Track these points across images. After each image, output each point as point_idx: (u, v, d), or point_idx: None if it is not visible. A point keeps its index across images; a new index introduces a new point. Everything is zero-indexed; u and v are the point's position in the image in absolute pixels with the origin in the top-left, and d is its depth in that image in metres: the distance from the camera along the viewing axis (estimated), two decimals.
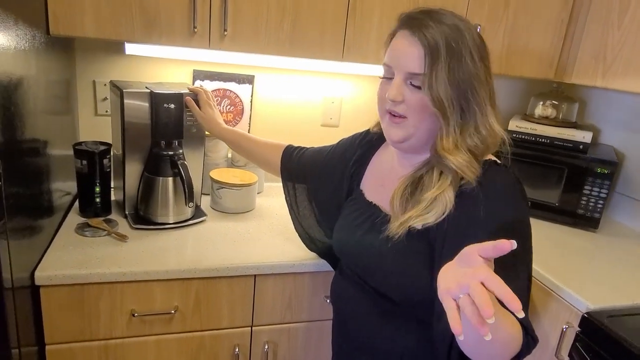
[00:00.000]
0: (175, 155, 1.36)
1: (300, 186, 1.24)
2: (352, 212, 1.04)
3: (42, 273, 1.09)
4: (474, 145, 0.85)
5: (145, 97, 1.33)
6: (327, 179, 1.15)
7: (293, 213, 1.27)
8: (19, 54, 1.00)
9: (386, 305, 0.95)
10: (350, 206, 1.06)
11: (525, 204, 0.86)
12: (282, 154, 1.27)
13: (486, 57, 0.87)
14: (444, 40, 0.81)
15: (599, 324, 1.14)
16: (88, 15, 1.22)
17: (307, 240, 1.26)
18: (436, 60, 0.81)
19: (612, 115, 1.87)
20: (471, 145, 0.85)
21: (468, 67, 0.83)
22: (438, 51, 0.81)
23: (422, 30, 0.82)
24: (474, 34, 0.85)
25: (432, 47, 0.81)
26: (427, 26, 0.83)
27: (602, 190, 1.64)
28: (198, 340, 1.27)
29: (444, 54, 0.81)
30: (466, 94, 0.83)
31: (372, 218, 0.98)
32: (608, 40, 1.51)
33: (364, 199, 1.03)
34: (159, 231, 1.36)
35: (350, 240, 1.02)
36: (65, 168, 1.38)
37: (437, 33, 0.82)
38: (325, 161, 1.18)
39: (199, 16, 1.28)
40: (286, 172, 1.26)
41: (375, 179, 1.05)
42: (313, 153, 1.23)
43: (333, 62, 1.48)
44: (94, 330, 1.17)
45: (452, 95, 0.82)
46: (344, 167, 1.12)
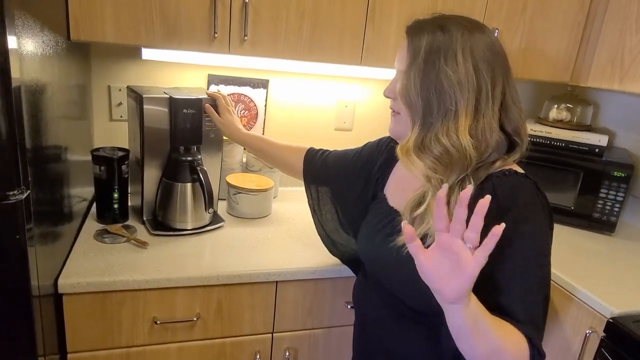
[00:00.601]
0: (194, 160, 1.35)
1: (323, 189, 1.23)
2: (374, 217, 1.04)
3: (65, 281, 1.08)
4: (439, 154, 0.82)
5: (164, 102, 1.32)
6: (353, 182, 1.15)
7: (316, 216, 1.26)
8: (45, 60, 0.99)
9: (407, 311, 0.94)
10: (374, 210, 1.06)
11: (544, 216, 0.83)
12: (305, 156, 1.26)
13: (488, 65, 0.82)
14: (428, 44, 0.83)
15: (626, 329, 1.14)
16: (108, 21, 1.22)
17: (329, 244, 1.25)
18: (414, 60, 0.84)
19: (625, 118, 1.87)
20: (435, 154, 0.82)
21: (444, 72, 0.81)
22: (418, 53, 0.83)
23: (414, 34, 0.86)
24: (479, 41, 0.83)
25: (415, 49, 0.84)
26: (421, 31, 0.85)
27: (618, 193, 1.64)
28: (219, 347, 1.26)
29: (422, 56, 0.83)
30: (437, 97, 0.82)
31: (392, 224, 0.97)
32: (625, 44, 1.51)
33: (387, 203, 1.03)
34: (178, 237, 1.36)
35: (370, 244, 1.02)
36: (82, 173, 1.38)
37: (426, 37, 0.83)
38: (351, 164, 1.17)
39: (220, 21, 1.28)
40: (309, 175, 1.25)
41: (397, 183, 1.05)
42: (338, 155, 1.23)
43: (350, 66, 1.48)
44: (116, 338, 1.16)
45: (420, 95, 0.83)
46: (370, 171, 1.12)
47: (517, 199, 0.81)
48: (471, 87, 0.81)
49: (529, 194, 0.83)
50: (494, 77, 0.83)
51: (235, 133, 1.36)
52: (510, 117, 0.85)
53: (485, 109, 0.82)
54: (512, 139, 0.86)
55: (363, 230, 1.07)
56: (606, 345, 1.18)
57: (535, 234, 0.81)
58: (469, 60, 0.81)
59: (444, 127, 0.82)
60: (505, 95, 0.85)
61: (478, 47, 0.82)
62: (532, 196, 0.83)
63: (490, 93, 0.82)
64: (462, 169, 0.82)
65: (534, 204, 0.82)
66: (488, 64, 0.82)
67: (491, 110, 0.83)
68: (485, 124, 0.82)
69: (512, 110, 0.85)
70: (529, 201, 0.82)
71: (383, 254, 0.96)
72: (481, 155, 0.82)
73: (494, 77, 0.83)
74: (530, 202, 0.82)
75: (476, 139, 0.81)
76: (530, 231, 0.81)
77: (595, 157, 1.68)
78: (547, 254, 0.82)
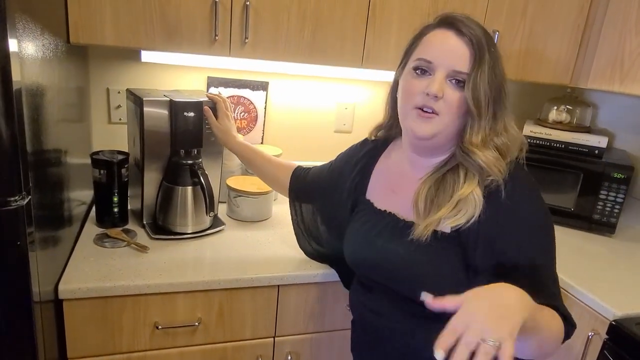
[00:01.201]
0: (195, 164, 1.34)
1: (306, 206, 1.24)
2: (364, 224, 1.01)
3: (66, 286, 1.07)
4: (502, 143, 0.88)
5: (164, 105, 1.31)
6: (331, 195, 1.13)
7: (300, 231, 1.27)
8: (45, 63, 0.98)
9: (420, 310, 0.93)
10: (360, 218, 1.03)
11: (544, 203, 0.91)
12: (292, 174, 1.26)
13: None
14: (486, 43, 0.86)
15: (628, 331, 1.14)
16: (108, 24, 1.21)
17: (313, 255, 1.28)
18: (481, 61, 0.85)
19: (624, 120, 1.88)
20: (498, 144, 0.88)
21: (501, 70, 0.88)
22: (483, 53, 0.85)
23: (469, 31, 0.86)
24: None
25: (480, 48, 0.85)
26: (472, 28, 0.86)
27: (618, 195, 1.64)
28: (221, 351, 1.25)
29: (487, 56, 0.85)
30: (500, 95, 0.88)
31: (390, 226, 0.96)
32: (625, 46, 1.51)
33: (374, 208, 1.01)
34: (178, 241, 1.35)
35: (369, 251, 0.99)
36: (81, 177, 1.36)
37: (481, 36, 0.86)
38: (327, 178, 1.17)
39: (221, 24, 1.27)
40: (293, 192, 1.25)
41: (384, 186, 1.03)
42: (315, 172, 1.23)
43: (350, 69, 1.48)
44: (117, 343, 1.15)
45: (489, 96, 0.86)
46: (345, 181, 1.09)
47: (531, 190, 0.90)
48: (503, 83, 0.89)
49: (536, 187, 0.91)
50: None
51: (230, 140, 1.34)
52: None
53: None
54: None
55: (354, 239, 1.04)
56: (609, 347, 1.18)
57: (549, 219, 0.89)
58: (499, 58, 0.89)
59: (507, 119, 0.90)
60: None
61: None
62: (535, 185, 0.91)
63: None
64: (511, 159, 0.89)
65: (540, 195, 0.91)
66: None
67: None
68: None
69: None
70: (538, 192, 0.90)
71: (389, 257, 0.94)
72: None
73: None
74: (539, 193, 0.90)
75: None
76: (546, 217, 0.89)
77: (595, 158, 1.68)
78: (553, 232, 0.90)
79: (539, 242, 0.86)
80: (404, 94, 0.91)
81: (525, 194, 0.87)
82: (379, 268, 0.98)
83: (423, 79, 0.88)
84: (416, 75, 0.89)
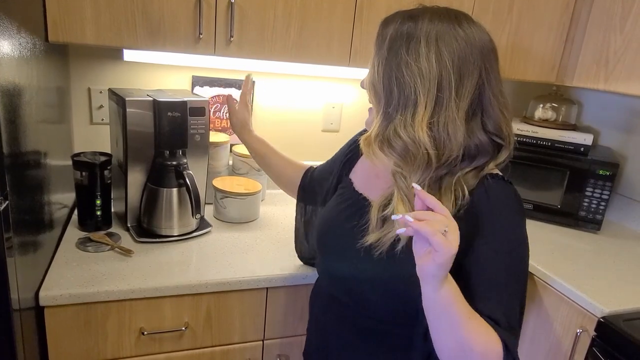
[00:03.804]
0: (179, 165, 1.32)
1: (310, 208, 1.20)
2: (339, 204, 0.98)
3: (47, 293, 1.04)
4: (400, 147, 0.78)
5: (148, 105, 1.28)
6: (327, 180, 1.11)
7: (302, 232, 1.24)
8: (22, 63, 0.95)
9: (366, 322, 0.91)
10: (338, 196, 1.01)
11: (523, 222, 0.82)
12: (304, 173, 1.23)
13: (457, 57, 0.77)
14: (394, 31, 0.80)
15: (616, 328, 1.15)
16: (88, 22, 1.17)
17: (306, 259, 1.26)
18: (379, 49, 0.82)
19: (609, 117, 1.90)
20: (396, 148, 0.79)
21: (405, 60, 0.77)
22: (384, 41, 0.81)
23: (385, 23, 0.83)
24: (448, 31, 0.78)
25: (382, 37, 0.82)
26: (392, 20, 0.82)
27: (603, 191, 1.66)
28: (209, 356, 1.23)
29: (387, 44, 0.80)
30: (397, 87, 0.79)
31: (362, 212, 0.91)
32: (610, 44, 1.52)
33: (352, 188, 0.98)
34: (164, 244, 1.32)
35: (336, 233, 0.95)
36: (62, 179, 1.33)
37: (393, 26, 0.81)
38: (329, 165, 1.15)
39: (205, 22, 1.25)
40: (302, 191, 1.22)
41: (368, 168, 0.98)
42: (320, 168, 1.20)
43: (338, 67, 1.46)
44: (101, 350, 1.12)
45: (383, 84, 0.80)
46: (339, 159, 1.09)
47: (508, 206, 0.81)
48: (432, 79, 0.76)
49: (517, 202, 0.82)
50: (462, 71, 0.77)
51: (245, 133, 1.29)
52: (491, 115, 0.80)
53: (448, 103, 0.77)
54: (495, 140, 0.82)
55: (324, 218, 1.00)
56: (597, 344, 1.19)
57: (521, 241, 0.81)
58: (433, 50, 0.77)
59: (402, 119, 0.78)
60: (481, 91, 0.79)
61: (445, 37, 0.77)
62: (519, 204, 0.82)
63: (454, 86, 0.77)
64: (424, 166, 0.78)
65: (521, 213, 0.82)
66: (456, 56, 0.77)
67: (455, 106, 0.77)
68: (448, 120, 0.77)
69: (491, 108, 0.80)
70: (518, 210, 0.82)
71: (349, 246, 0.89)
72: (444, 152, 0.78)
73: (462, 71, 0.77)
74: (519, 211, 0.82)
75: (437, 133, 0.77)
76: (521, 238, 0.81)
77: (580, 156, 1.69)
78: (527, 262, 0.82)
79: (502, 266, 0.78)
80: None
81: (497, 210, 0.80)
82: (338, 252, 0.94)
83: None
84: None
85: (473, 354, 0.71)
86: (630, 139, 1.81)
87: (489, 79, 0.80)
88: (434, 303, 0.72)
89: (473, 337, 0.71)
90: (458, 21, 0.79)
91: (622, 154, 1.83)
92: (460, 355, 0.72)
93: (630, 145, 1.81)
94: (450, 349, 0.73)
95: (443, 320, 0.72)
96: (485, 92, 0.80)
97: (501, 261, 0.78)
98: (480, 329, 0.72)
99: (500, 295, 0.77)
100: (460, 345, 0.72)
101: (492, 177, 0.82)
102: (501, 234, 0.79)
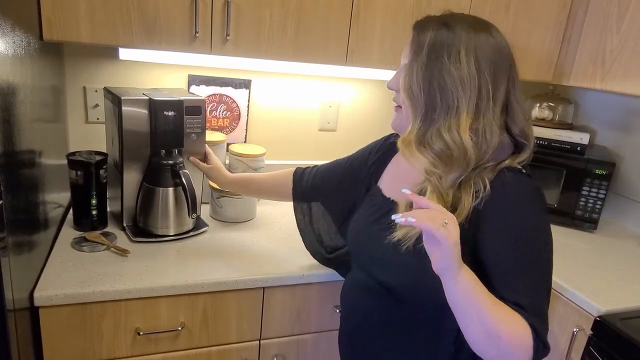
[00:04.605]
0: (175, 164, 1.31)
1: (315, 204, 1.23)
2: (368, 209, 1.03)
3: (42, 293, 1.03)
4: (439, 150, 0.83)
5: (144, 104, 1.28)
6: (347, 187, 1.14)
7: (306, 233, 1.25)
8: (17, 61, 0.94)
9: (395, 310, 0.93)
10: (367, 203, 1.05)
11: (543, 212, 0.85)
12: (293, 175, 1.25)
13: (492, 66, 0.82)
14: (432, 39, 0.84)
15: (613, 327, 1.15)
16: (83, 20, 1.17)
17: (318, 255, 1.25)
18: (417, 54, 0.85)
19: (605, 117, 1.90)
20: (436, 150, 0.83)
21: (447, 68, 0.82)
22: (422, 48, 0.84)
23: (420, 29, 0.86)
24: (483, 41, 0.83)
25: (419, 43, 0.85)
26: (426, 26, 0.85)
27: (600, 190, 1.66)
28: (205, 356, 1.23)
29: (426, 50, 0.83)
30: (440, 92, 0.82)
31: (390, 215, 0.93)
32: (607, 43, 1.52)
33: (381, 195, 1.02)
34: (160, 244, 1.31)
35: (364, 236, 1.00)
36: (58, 179, 1.32)
37: (430, 33, 0.84)
38: (345, 170, 1.17)
39: (201, 20, 1.24)
40: (300, 192, 1.24)
41: (395, 176, 1.04)
42: (327, 167, 1.22)
43: (334, 66, 1.46)
44: (96, 350, 1.11)
45: (423, 88, 0.83)
46: (365, 169, 1.11)
47: (524, 195, 0.83)
48: (473, 87, 0.81)
49: (534, 192, 0.84)
50: (496, 78, 0.82)
51: (221, 178, 1.35)
52: (516, 120, 0.86)
53: (486, 110, 0.83)
54: (519, 141, 0.87)
55: (354, 223, 1.05)
56: (594, 343, 1.19)
57: (543, 227, 0.83)
58: (472, 59, 0.81)
59: (446, 123, 0.82)
60: (509, 97, 0.85)
61: (482, 47, 0.82)
62: (538, 194, 0.85)
63: (491, 94, 0.82)
64: (461, 168, 0.83)
65: (539, 202, 0.85)
66: (491, 65, 0.82)
67: (492, 111, 0.83)
68: (486, 125, 0.83)
69: (517, 112, 0.86)
70: (535, 199, 0.84)
71: (380, 246, 0.93)
72: (481, 155, 0.83)
73: (496, 78, 0.82)
74: (536, 200, 0.84)
75: (477, 138, 0.82)
76: (539, 225, 0.83)
77: (577, 155, 1.69)
78: (551, 249, 0.84)
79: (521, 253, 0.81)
80: None
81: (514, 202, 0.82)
82: (369, 254, 0.98)
83: None
84: None
85: (501, 341, 0.74)
86: (626, 138, 1.81)
87: (514, 84, 0.86)
88: (456, 297, 0.76)
89: (500, 324, 0.74)
90: (489, 30, 0.85)
91: (618, 153, 1.83)
92: (489, 343, 0.75)
93: (626, 144, 1.81)
94: (480, 338, 0.76)
95: (468, 312, 0.76)
96: (511, 97, 0.85)
97: (520, 248, 0.80)
98: (507, 317, 0.75)
99: (523, 281, 0.79)
100: (489, 334, 0.74)
101: (510, 170, 0.85)
102: (518, 221, 0.81)
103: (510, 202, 0.82)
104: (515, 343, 0.74)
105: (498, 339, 0.74)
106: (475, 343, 0.77)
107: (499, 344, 0.74)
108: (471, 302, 0.75)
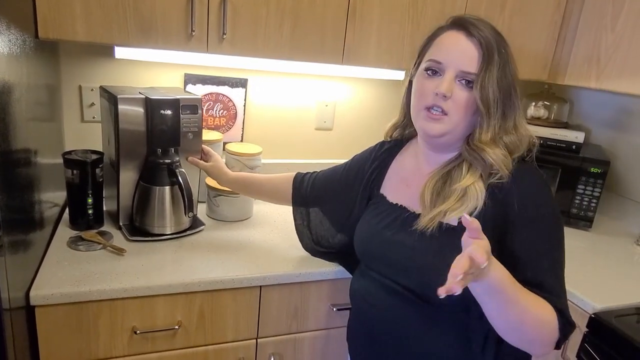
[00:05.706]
0: (172, 163, 1.31)
1: (313, 209, 1.23)
2: (375, 216, 1.04)
3: (38, 292, 1.03)
4: (510, 141, 0.89)
5: (140, 103, 1.27)
6: (346, 194, 1.15)
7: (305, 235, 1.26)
8: (12, 60, 0.94)
9: (418, 305, 0.94)
10: (372, 210, 1.06)
11: (553, 198, 0.93)
12: (293, 180, 1.26)
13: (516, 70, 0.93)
14: (496, 44, 0.88)
15: (608, 324, 1.16)
16: (79, 18, 1.16)
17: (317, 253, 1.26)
18: (490, 62, 0.87)
19: (600, 115, 1.91)
20: (507, 142, 0.89)
21: (512, 70, 0.90)
22: (492, 54, 0.87)
23: (479, 33, 0.88)
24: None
25: (488, 49, 0.87)
26: (481, 30, 0.88)
27: (595, 189, 1.67)
28: (202, 355, 1.23)
29: (497, 57, 0.87)
30: (510, 94, 0.90)
31: (401, 218, 0.98)
32: (602, 42, 1.53)
33: (387, 201, 1.04)
34: (157, 243, 1.31)
35: (377, 242, 1.00)
36: (53, 178, 1.31)
37: (490, 38, 0.88)
38: (342, 178, 1.18)
39: (197, 19, 1.24)
40: (299, 197, 1.24)
41: (398, 181, 1.06)
42: (326, 174, 1.23)
43: (331, 65, 1.46)
44: (93, 349, 1.11)
45: (498, 96, 0.88)
46: (362, 178, 1.12)
47: (543, 183, 0.91)
48: (515, 86, 0.91)
49: (540, 178, 0.91)
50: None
51: (223, 177, 1.34)
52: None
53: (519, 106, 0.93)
54: None
55: (364, 229, 1.06)
56: (589, 341, 1.19)
57: (558, 211, 0.91)
58: (512, 59, 0.91)
59: (518, 118, 0.91)
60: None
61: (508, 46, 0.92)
62: (543, 181, 0.92)
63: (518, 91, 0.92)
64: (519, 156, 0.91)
65: (546, 187, 0.92)
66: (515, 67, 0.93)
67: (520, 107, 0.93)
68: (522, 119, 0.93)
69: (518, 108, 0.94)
70: (542, 184, 0.91)
71: (396, 248, 0.96)
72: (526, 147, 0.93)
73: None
74: (543, 185, 0.91)
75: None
76: (556, 209, 0.91)
77: (572, 153, 1.70)
78: (563, 232, 0.90)
79: (544, 237, 0.87)
80: (416, 94, 0.95)
81: (533, 190, 0.89)
82: (385, 259, 0.99)
83: (434, 79, 0.91)
84: (427, 76, 0.92)
85: (528, 327, 0.78)
86: (621, 137, 1.82)
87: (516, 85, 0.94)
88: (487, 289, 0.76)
89: (529, 312, 0.78)
90: None
91: (612, 151, 1.85)
92: (517, 329, 0.79)
93: (621, 143, 1.82)
94: (509, 326, 0.80)
95: (499, 302, 0.77)
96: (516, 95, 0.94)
97: (544, 230, 0.86)
98: (534, 302, 0.79)
99: (547, 262, 0.85)
100: (518, 322, 0.78)
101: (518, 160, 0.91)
102: (542, 206, 0.87)
103: (532, 189, 0.88)
104: (543, 328, 0.79)
105: (526, 325, 0.78)
106: (504, 330, 0.81)
107: (524, 331, 0.78)
108: (501, 293, 0.76)
